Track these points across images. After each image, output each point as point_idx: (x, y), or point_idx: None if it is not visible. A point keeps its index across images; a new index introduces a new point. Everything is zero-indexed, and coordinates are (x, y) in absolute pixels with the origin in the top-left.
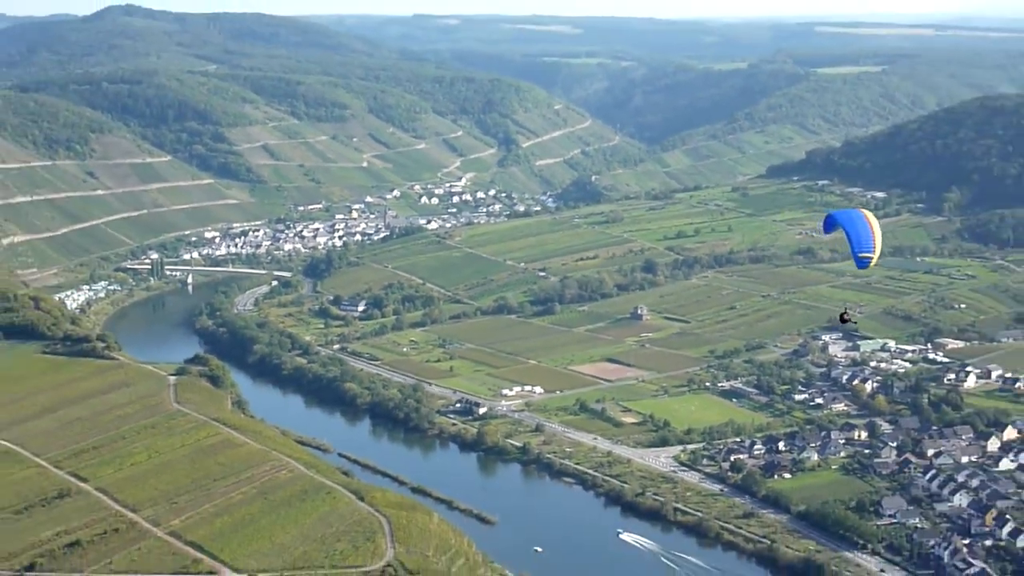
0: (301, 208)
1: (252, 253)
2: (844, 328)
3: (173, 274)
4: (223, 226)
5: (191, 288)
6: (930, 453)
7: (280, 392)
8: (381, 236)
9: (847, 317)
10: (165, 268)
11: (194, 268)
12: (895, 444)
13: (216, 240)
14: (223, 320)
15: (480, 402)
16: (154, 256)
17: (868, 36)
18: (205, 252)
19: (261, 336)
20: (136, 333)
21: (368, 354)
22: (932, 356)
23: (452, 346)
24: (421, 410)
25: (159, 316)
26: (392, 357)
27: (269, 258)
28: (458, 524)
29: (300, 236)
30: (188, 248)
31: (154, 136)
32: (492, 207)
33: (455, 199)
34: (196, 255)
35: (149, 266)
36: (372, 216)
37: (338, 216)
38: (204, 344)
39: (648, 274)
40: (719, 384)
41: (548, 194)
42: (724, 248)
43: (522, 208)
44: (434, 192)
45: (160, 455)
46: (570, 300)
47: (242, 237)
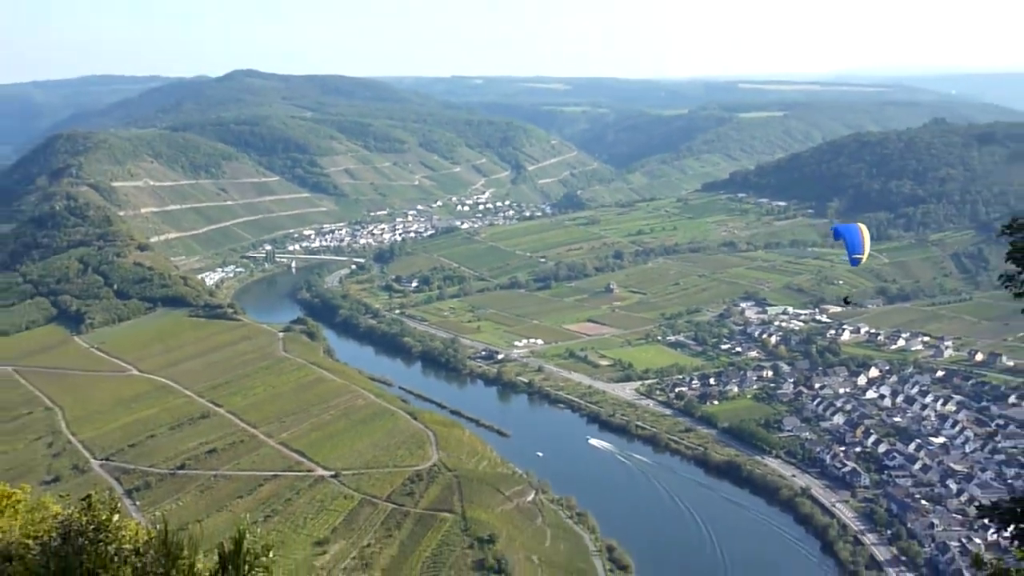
0: (371, 213)
1: (337, 245)
2: (758, 299)
3: (281, 260)
4: (316, 226)
5: (294, 270)
6: (816, 386)
7: (357, 344)
8: (428, 233)
9: (848, 299)
10: (275, 256)
11: (296, 256)
12: (792, 380)
13: (311, 236)
14: (317, 293)
15: (498, 351)
16: (267, 247)
17: (774, 90)
18: (304, 245)
19: (343, 304)
20: (255, 302)
21: (419, 316)
22: (818, 318)
23: (479, 311)
24: (457, 356)
25: (271, 290)
26: (436, 319)
27: (349, 249)
28: (483, 436)
29: (371, 233)
30: (292, 242)
31: (267, 162)
32: (507, 213)
33: (480, 207)
34: (297, 247)
35: (264, 255)
36: (422, 219)
37: (397, 219)
38: (303, 310)
39: (617, 260)
40: (667, 337)
41: (546, 204)
42: (671, 241)
43: (528, 213)
44: (465, 202)
45: (272, 388)
46: (562, 278)
47: (330, 234)
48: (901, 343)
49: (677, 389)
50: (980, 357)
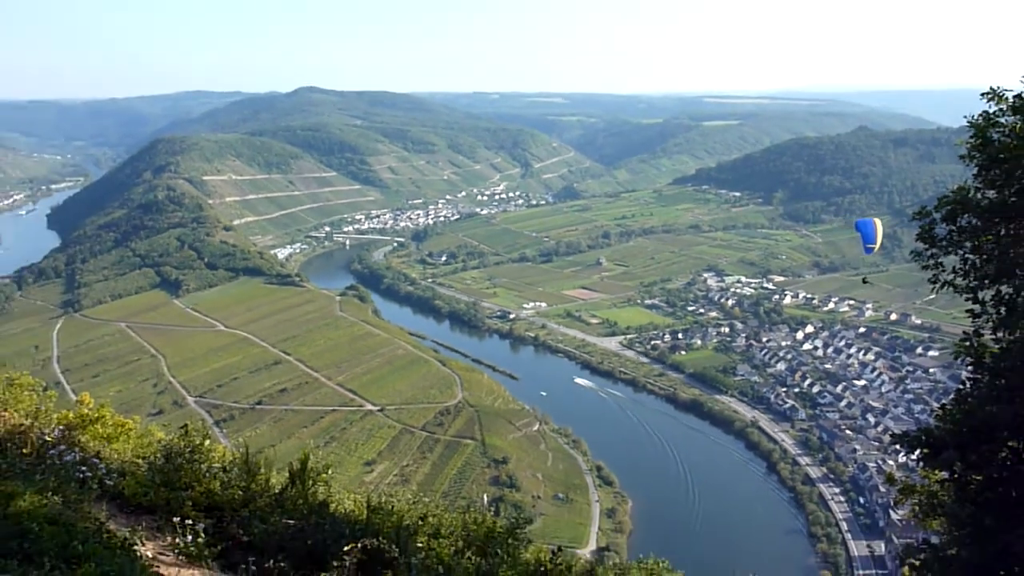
0: (409, 202)
1: (382, 227)
2: (718, 270)
3: (337, 239)
4: (365, 212)
5: (348, 247)
6: (764, 340)
7: (398, 306)
8: (455, 218)
9: (865, 279)
10: (333, 236)
11: (349, 236)
12: (744, 335)
13: (362, 220)
14: (366, 265)
15: (510, 311)
16: (326, 229)
17: (732, 103)
18: (355, 227)
19: (387, 274)
20: (316, 272)
21: (447, 284)
22: (766, 285)
23: (495, 280)
24: (477, 315)
25: (329, 263)
26: (461, 286)
27: (392, 230)
28: (498, 379)
29: (409, 218)
30: (346, 224)
31: (326, 161)
32: (517, 202)
33: (496, 197)
34: (350, 228)
35: (324, 235)
36: (449, 207)
37: (430, 207)
38: (355, 278)
39: (605, 239)
40: (645, 301)
41: (549, 194)
42: (648, 224)
43: (534, 202)
44: (484, 193)
45: (330, 340)
46: (561, 254)
47: (376, 218)
48: (831, 306)
49: (652, 342)
50: (894, 317)
